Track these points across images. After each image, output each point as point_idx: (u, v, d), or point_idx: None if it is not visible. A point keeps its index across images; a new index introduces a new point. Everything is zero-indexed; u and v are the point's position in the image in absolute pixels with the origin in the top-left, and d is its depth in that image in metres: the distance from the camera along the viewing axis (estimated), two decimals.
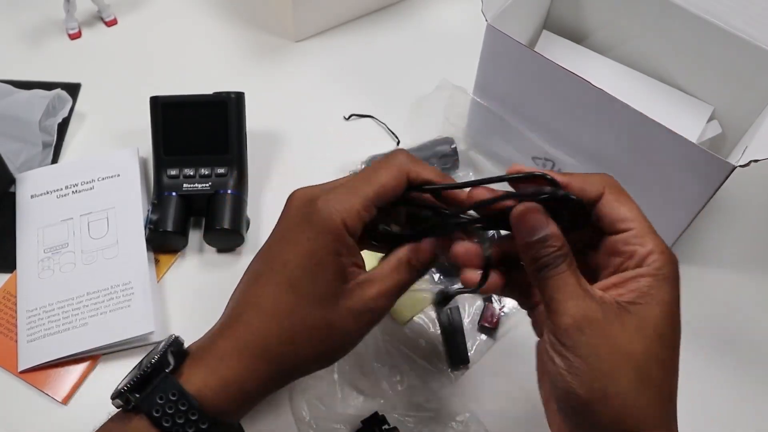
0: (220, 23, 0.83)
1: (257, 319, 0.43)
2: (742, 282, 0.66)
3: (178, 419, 0.40)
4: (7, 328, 0.61)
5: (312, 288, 0.42)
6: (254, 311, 0.43)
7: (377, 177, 0.42)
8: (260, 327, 0.43)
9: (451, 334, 0.62)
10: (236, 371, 0.42)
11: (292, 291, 0.42)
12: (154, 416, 0.40)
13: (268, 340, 0.42)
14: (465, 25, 0.84)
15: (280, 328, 0.42)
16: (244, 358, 0.42)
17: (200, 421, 0.40)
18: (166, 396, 0.41)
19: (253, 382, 0.43)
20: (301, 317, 0.42)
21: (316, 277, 0.42)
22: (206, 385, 0.42)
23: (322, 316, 0.42)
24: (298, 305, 0.42)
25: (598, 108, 0.58)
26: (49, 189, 0.67)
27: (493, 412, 0.59)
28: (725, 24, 0.64)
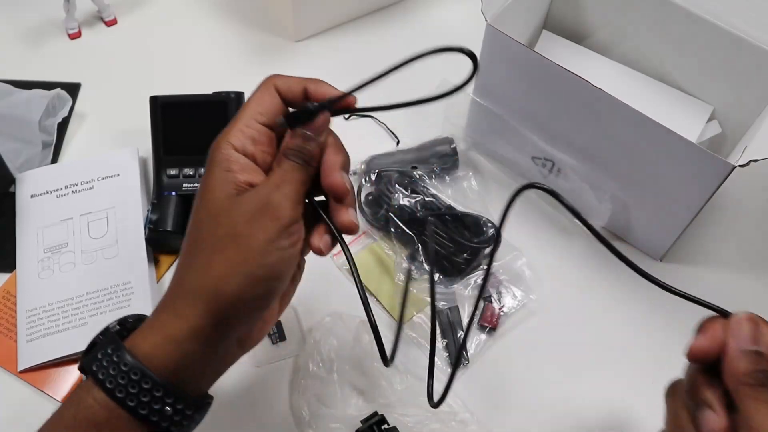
0: (220, 23, 0.83)
1: (179, 264, 0.43)
2: (742, 282, 0.66)
3: (112, 370, 0.40)
4: (6, 327, 0.61)
5: (209, 208, 0.42)
6: (179, 260, 0.44)
7: (249, 98, 0.45)
8: (180, 270, 0.43)
9: (451, 334, 0.62)
10: (164, 317, 0.42)
11: (194, 223, 0.43)
12: (93, 371, 0.40)
13: (186, 280, 0.42)
14: (465, 25, 0.83)
15: (194, 261, 0.42)
16: (170, 305, 0.42)
17: (132, 371, 0.40)
18: (105, 350, 0.41)
19: (185, 327, 0.41)
20: (207, 241, 0.42)
21: (210, 197, 0.42)
22: (143, 336, 0.41)
23: (224, 232, 0.41)
24: (202, 230, 0.42)
25: (598, 108, 0.58)
26: (49, 189, 0.67)
27: (493, 412, 0.59)
28: (725, 24, 0.64)
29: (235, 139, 0.43)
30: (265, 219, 0.41)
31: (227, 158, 0.42)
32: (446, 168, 0.70)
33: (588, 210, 0.67)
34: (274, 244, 0.41)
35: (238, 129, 0.43)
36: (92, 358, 0.41)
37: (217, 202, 0.42)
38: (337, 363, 0.58)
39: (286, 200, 0.41)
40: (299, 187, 0.43)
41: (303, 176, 0.43)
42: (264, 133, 0.44)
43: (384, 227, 0.65)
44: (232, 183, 0.42)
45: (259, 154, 0.43)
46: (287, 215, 0.41)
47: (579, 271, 0.66)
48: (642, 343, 0.63)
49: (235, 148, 0.43)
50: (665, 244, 0.65)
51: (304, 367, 0.59)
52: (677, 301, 0.65)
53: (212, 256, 0.41)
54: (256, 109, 0.44)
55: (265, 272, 0.41)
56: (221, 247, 0.41)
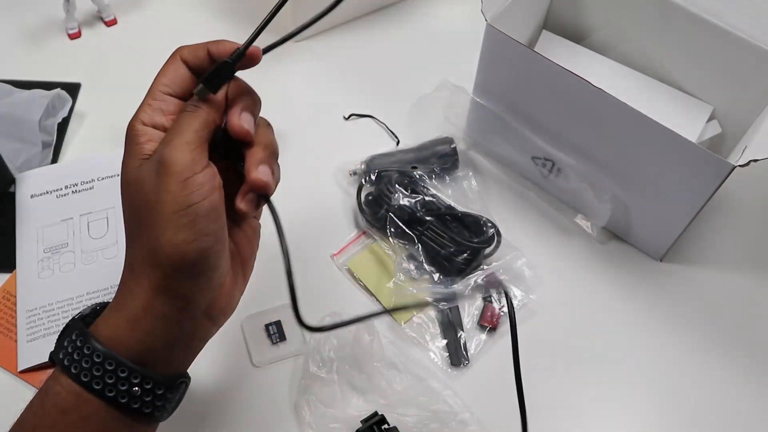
0: (219, 23, 0.83)
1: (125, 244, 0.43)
2: (741, 282, 0.66)
3: (76, 356, 0.40)
4: (6, 327, 0.61)
5: (123, 184, 0.42)
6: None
7: (158, 73, 0.45)
8: (125, 249, 0.43)
9: (451, 334, 0.62)
10: (119, 299, 0.42)
11: (122, 203, 0.43)
12: (59, 358, 0.40)
13: (129, 257, 0.42)
14: (465, 25, 0.84)
15: (129, 239, 0.42)
16: (122, 285, 0.42)
17: (95, 354, 0.39)
18: (69, 338, 0.41)
19: (138, 305, 0.41)
20: (131, 217, 0.42)
21: (123, 173, 0.42)
22: (103, 321, 0.41)
23: (138, 204, 0.41)
24: (125, 208, 0.42)
25: (598, 108, 0.58)
26: (49, 189, 0.67)
27: (493, 412, 0.59)
28: (725, 24, 0.64)
29: (143, 113, 0.43)
30: (163, 178, 0.40)
31: (136, 133, 0.43)
32: (446, 168, 0.70)
33: (588, 210, 0.67)
34: (182, 200, 0.39)
35: (146, 104, 0.44)
36: (59, 346, 0.41)
37: (128, 176, 0.42)
38: (337, 363, 0.58)
39: (177, 151, 0.40)
40: (193, 135, 0.41)
41: (196, 122, 0.42)
42: (172, 103, 0.44)
43: (384, 227, 0.65)
44: (138, 155, 0.42)
45: (169, 124, 0.43)
46: (183, 167, 0.40)
47: (579, 271, 0.66)
48: (642, 343, 0.63)
49: (144, 123, 0.43)
50: (665, 244, 0.65)
51: (304, 367, 0.59)
52: (675, 302, 0.65)
53: (140, 231, 0.41)
54: (162, 81, 0.44)
55: (187, 233, 0.40)
56: (141, 219, 0.41)
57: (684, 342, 0.63)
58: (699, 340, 0.63)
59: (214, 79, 0.43)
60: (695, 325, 0.64)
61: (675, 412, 0.60)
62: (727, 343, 0.63)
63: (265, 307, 0.63)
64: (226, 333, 0.62)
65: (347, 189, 0.70)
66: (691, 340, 0.63)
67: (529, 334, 0.63)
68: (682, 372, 0.62)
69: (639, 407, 0.60)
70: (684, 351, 0.63)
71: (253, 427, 0.58)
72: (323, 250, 0.66)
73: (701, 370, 0.62)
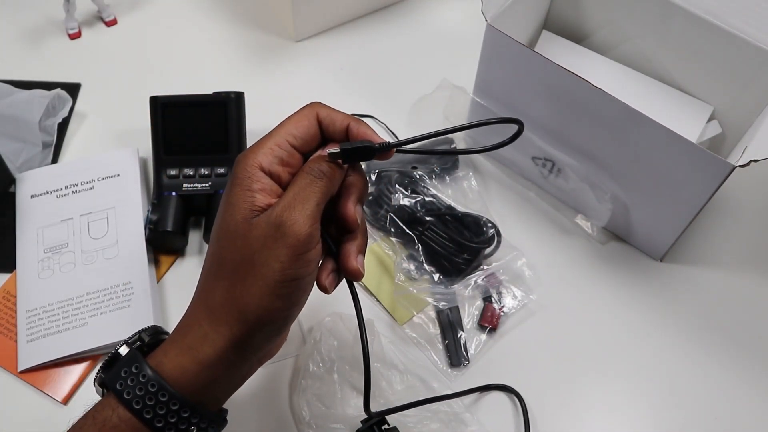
0: (219, 23, 0.83)
1: (203, 283, 0.43)
2: (741, 282, 0.66)
3: (139, 391, 0.40)
4: (7, 328, 0.61)
5: (227, 229, 0.41)
6: (202, 278, 0.44)
7: (287, 118, 0.44)
8: (205, 288, 0.43)
9: (451, 334, 0.62)
10: (191, 337, 0.42)
11: (215, 240, 0.42)
12: (117, 389, 0.41)
13: (211, 301, 0.42)
14: (465, 25, 0.84)
15: (218, 283, 0.42)
16: (196, 326, 0.42)
17: (160, 392, 0.40)
18: (129, 369, 0.41)
19: (211, 347, 0.41)
20: (227, 265, 0.41)
21: (229, 218, 0.41)
22: (166, 355, 0.42)
23: (242, 258, 0.41)
24: (222, 252, 0.42)
25: (598, 108, 0.58)
26: (49, 189, 0.67)
27: (493, 412, 0.59)
28: (725, 24, 0.64)
29: (264, 157, 0.42)
30: (280, 247, 0.40)
31: (250, 177, 0.41)
32: (446, 168, 0.70)
33: (588, 210, 0.67)
34: (291, 273, 0.40)
35: (269, 147, 0.42)
36: (115, 375, 0.41)
37: (235, 224, 0.41)
38: (337, 363, 0.58)
39: (300, 224, 0.40)
40: (314, 207, 0.41)
41: (319, 193, 0.41)
42: (294, 156, 0.43)
43: (384, 227, 0.65)
44: (250, 204, 0.41)
45: (284, 176, 0.42)
46: (302, 242, 0.40)
47: (579, 271, 0.66)
48: (642, 343, 0.63)
49: (261, 167, 0.42)
50: (665, 244, 0.65)
51: (304, 367, 0.58)
52: (676, 302, 0.65)
53: (234, 282, 0.41)
54: (292, 131, 0.43)
55: (283, 302, 0.41)
56: (242, 273, 0.41)
57: (684, 341, 0.63)
58: (699, 340, 0.63)
59: (352, 154, 0.43)
60: (695, 324, 0.64)
61: (675, 412, 0.60)
62: (727, 343, 0.63)
63: None
64: None
65: None
66: (691, 339, 0.63)
67: (529, 334, 0.63)
68: (682, 371, 0.62)
69: (639, 407, 0.60)
70: (684, 350, 0.63)
71: (252, 426, 0.57)
72: None
73: (701, 369, 0.62)
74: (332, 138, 0.44)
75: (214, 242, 0.42)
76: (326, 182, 0.42)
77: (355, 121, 0.44)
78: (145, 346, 0.44)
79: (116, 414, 0.40)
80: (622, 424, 0.59)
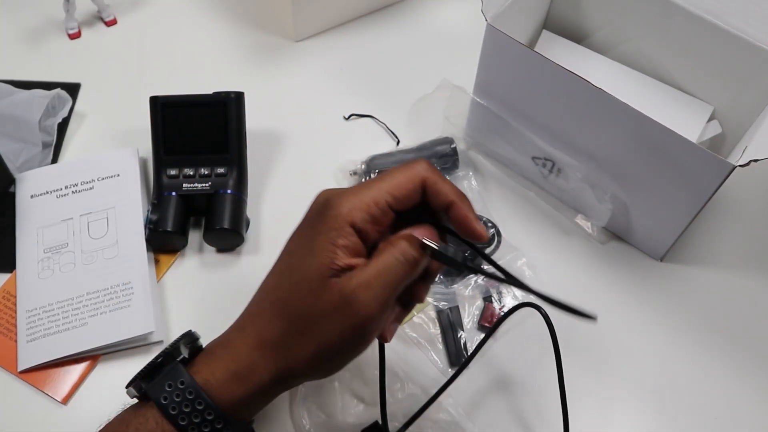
0: (220, 23, 0.83)
1: (260, 311, 0.44)
2: (742, 282, 0.66)
3: (185, 408, 0.41)
4: (6, 328, 0.61)
5: (301, 276, 0.41)
6: (260, 304, 0.44)
7: (391, 175, 0.43)
8: (262, 319, 0.43)
9: (451, 334, 0.62)
10: (241, 364, 0.43)
11: (286, 277, 0.42)
12: (162, 403, 0.41)
13: (266, 333, 0.43)
14: (465, 25, 0.84)
15: (277, 319, 0.42)
16: (248, 350, 0.43)
17: (206, 411, 0.41)
18: (174, 384, 0.41)
19: (257, 377, 0.43)
20: (290, 312, 0.42)
21: (306, 266, 0.41)
22: (213, 375, 0.42)
23: (306, 315, 0.41)
24: (289, 297, 0.42)
25: (598, 108, 0.58)
26: (49, 189, 0.67)
27: (493, 412, 0.59)
28: (725, 24, 0.64)
29: (357, 213, 0.41)
30: (344, 320, 0.40)
31: (338, 230, 0.40)
32: (446, 168, 0.70)
33: (588, 210, 0.67)
34: (347, 347, 0.41)
35: (366, 204, 0.41)
36: (158, 387, 0.42)
37: (311, 275, 0.41)
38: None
39: (374, 310, 0.40)
40: (391, 293, 0.40)
41: (401, 279, 0.41)
42: (388, 215, 0.42)
43: None
44: (330, 261, 0.40)
45: (372, 235, 0.42)
46: (368, 322, 0.40)
47: (579, 271, 0.66)
48: (642, 343, 0.63)
49: (353, 224, 0.41)
50: (665, 244, 0.65)
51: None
52: (676, 302, 0.65)
53: (292, 332, 0.42)
54: (394, 192, 0.42)
55: (334, 366, 0.43)
56: (301, 327, 0.41)
57: (684, 341, 0.63)
58: (699, 340, 0.63)
59: (444, 258, 0.42)
60: (695, 324, 0.64)
61: (674, 412, 0.60)
62: (727, 343, 0.63)
63: None
64: None
65: None
66: (692, 339, 0.63)
67: (529, 334, 0.63)
68: (682, 371, 0.62)
69: (639, 407, 0.60)
70: (684, 351, 0.63)
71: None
72: None
73: (701, 369, 0.62)
74: (433, 203, 0.43)
75: (282, 276, 0.42)
76: (410, 269, 0.41)
77: (459, 202, 0.42)
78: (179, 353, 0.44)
79: (160, 428, 0.41)
80: (622, 423, 0.59)
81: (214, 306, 0.63)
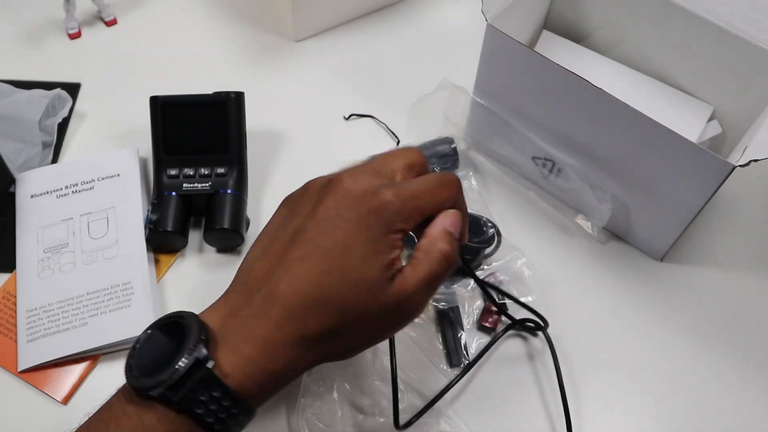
0: (220, 23, 0.83)
1: (302, 309, 0.41)
2: (742, 282, 0.66)
3: (221, 414, 0.40)
4: (6, 328, 0.61)
5: (361, 274, 0.41)
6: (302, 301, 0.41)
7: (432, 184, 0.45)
8: (305, 317, 0.41)
9: (451, 334, 0.62)
10: (279, 362, 0.41)
11: (340, 276, 0.41)
12: (197, 413, 0.39)
13: (309, 330, 0.41)
14: (465, 25, 0.84)
15: (324, 317, 0.41)
16: (286, 348, 0.41)
17: (239, 412, 0.40)
18: (208, 392, 0.39)
19: (293, 373, 0.43)
20: (342, 306, 0.41)
21: (366, 265, 0.41)
22: (250, 380, 0.41)
23: (361, 309, 0.41)
24: (343, 293, 0.41)
25: (598, 108, 0.58)
26: (49, 189, 0.67)
27: (492, 412, 0.59)
28: (725, 24, 0.64)
29: (410, 224, 0.43)
30: (395, 321, 0.43)
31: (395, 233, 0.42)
32: (446, 168, 0.70)
33: (588, 210, 0.67)
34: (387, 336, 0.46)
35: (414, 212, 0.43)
36: (192, 399, 0.39)
37: (370, 278, 0.41)
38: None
39: (423, 304, 0.43)
40: (436, 290, 0.44)
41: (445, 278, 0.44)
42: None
43: None
44: (390, 263, 0.42)
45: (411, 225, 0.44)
46: (415, 317, 0.44)
47: (579, 271, 0.66)
48: (641, 343, 0.63)
49: (404, 230, 0.43)
50: (665, 244, 0.65)
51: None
52: (676, 302, 0.65)
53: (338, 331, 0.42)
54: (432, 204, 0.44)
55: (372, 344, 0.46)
56: (349, 325, 0.42)
57: (684, 342, 0.63)
58: (699, 340, 0.63)
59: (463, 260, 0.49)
60: (695, 324, 0.64)
61: (675, 411, 0.60)
62: (727, 343, 0.63)
63: None
64: None
65: None
66: (692, 339, 0.63)
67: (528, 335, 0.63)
68: (682, 372, 0.62)
69: (639, 406, 0.60)
70: (684, 351, 0.63)
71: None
72: None
73: (701, 369, 0.62)
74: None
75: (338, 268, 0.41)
76: (452, 269, 0.45)
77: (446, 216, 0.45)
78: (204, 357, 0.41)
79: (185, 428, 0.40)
80: (622, 424, 0.59)
81: None
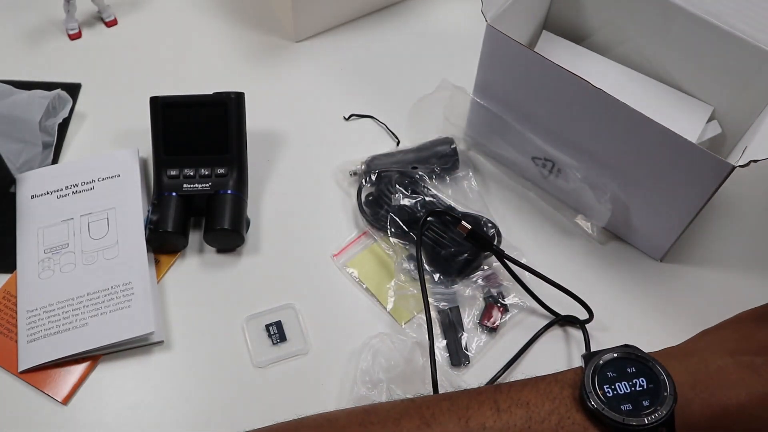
0: (220, 23, 0.83)
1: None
2: (742, 282, 0.66)
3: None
4: (7, 328, 0.61)
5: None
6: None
7: None
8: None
9: (452, 334, 0.62)
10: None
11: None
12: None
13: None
14: (465, 25, 0.84)
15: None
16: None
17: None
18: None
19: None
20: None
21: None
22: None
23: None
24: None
25: (598, 108, 0.58)
26: (50, 189, 0.67)
27: None
28: (725, 24, 0.64)
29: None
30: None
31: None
32: (446, 168, 0.70)
33: (588, 210, 0.67)
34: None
35: None
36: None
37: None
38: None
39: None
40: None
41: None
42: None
43: (384, 228, 0.65)
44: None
45: None
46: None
47: (579, 271, 0.66)
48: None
49: None
50: (665, 244, 0.65)
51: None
52: (676, 302, 0.65)
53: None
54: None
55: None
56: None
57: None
58: None
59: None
60: (696, 325, 0.64)
61: None
62: None
63: (266, 307, 0.63)
64: (227, 334, 0.62)
65: (347, 189, 0.70)
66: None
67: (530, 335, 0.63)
68: None
69: None
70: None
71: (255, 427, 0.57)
72: (323, 251, 0.66)
73: None
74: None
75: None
76: None
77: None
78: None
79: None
80: None
81: (214, 306, 0.64)
